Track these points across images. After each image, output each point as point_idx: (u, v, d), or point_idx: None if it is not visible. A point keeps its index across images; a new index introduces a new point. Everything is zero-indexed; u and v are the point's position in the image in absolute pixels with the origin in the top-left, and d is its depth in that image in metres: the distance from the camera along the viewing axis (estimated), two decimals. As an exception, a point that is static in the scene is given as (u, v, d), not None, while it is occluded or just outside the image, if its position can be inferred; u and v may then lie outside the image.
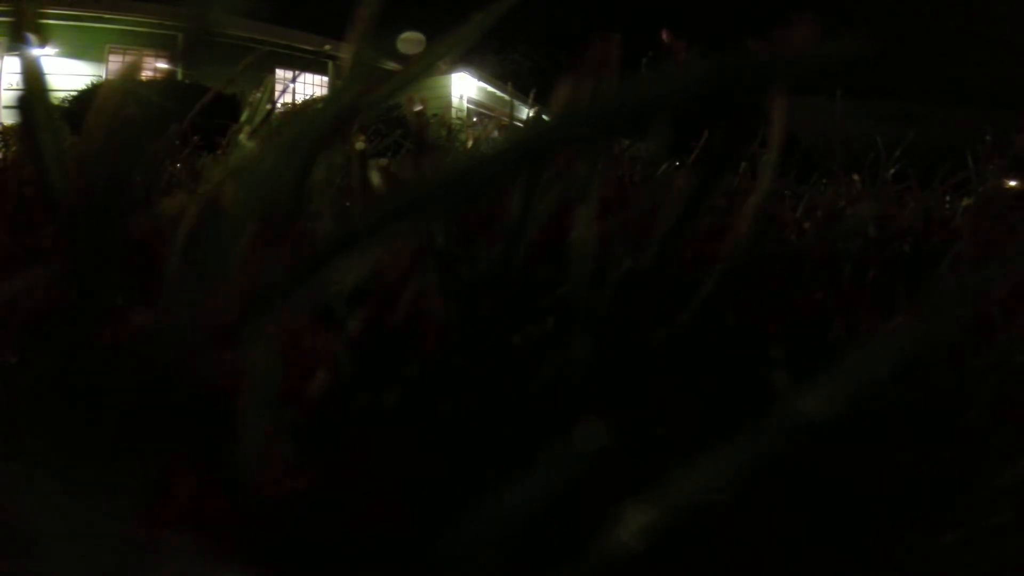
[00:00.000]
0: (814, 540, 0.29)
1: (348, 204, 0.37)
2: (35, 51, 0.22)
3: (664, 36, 0.33)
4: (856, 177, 1.21)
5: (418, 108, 0.38)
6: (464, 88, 13.14)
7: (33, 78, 0.22)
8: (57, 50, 9.81)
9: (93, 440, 0.18)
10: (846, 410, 0.13)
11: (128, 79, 0.17)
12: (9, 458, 0.17)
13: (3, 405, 0.20)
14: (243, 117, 0.55)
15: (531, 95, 1.39)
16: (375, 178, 0.32)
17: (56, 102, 0.24)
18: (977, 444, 0.35)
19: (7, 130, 1.76)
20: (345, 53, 0.23)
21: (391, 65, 0.24)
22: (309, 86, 12.02)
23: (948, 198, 1.15)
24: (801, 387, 0.13)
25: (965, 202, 1.03)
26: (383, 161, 0.32)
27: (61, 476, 0.16)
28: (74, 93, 7.44)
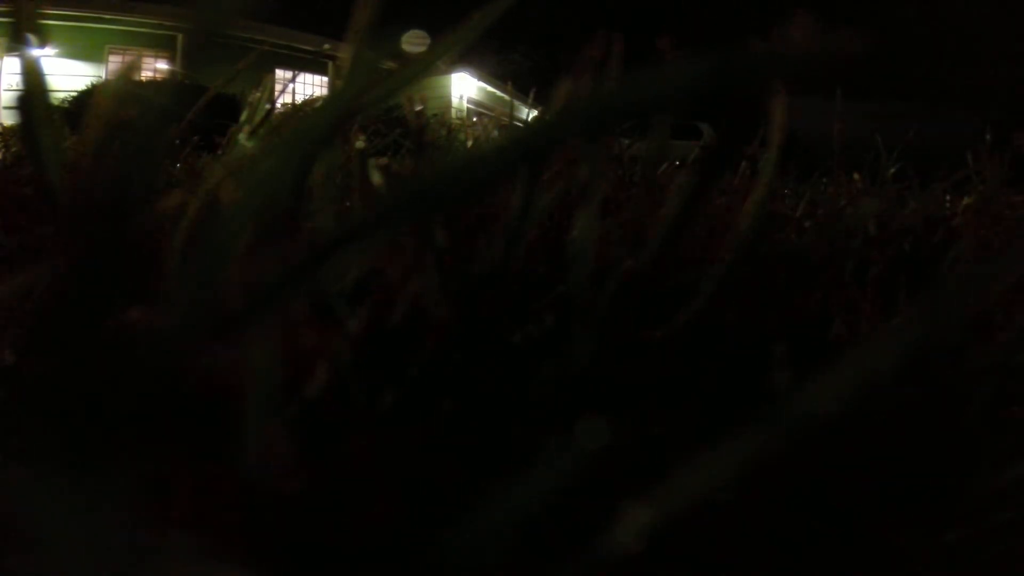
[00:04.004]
0: (814, 540, 0.29)
1: (348, 203, 0.37)
2: (35, 52, 0.22)
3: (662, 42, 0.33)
4: (856, 176, 1.22)
5: (418, 108, 0.38)
6: (464, 88, 13.14)
7: (33, 78, 0.22)
8: (57, 50, 9.81)
9: (94, 440, 0.18)
10: (847, 409, 0.13)
11: (127, 79, 0.17)
12: (10, 458, 0.17)
13: (4, 405, 0.20)
14: (243, 117, 0.55)
15: (531, 95, 1.39)
16: (375, 177, 0.32)
17: (56, 103, 0.24)
18: (977, 444, 0.35)
19: (7, 130, 1.77)
20: (344, 53, 0.23)
21: (391, 64, 0.24)
22: (309, 86, 12.02)
23: (948, 197, 1.15)
24: (802, 386, 0.13)
25: (966, 201, 1.03)
26: (383, 160, 0.32)
27: (62, 476, 0.16)
28: (74, 94, 7.44)
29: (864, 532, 0.30)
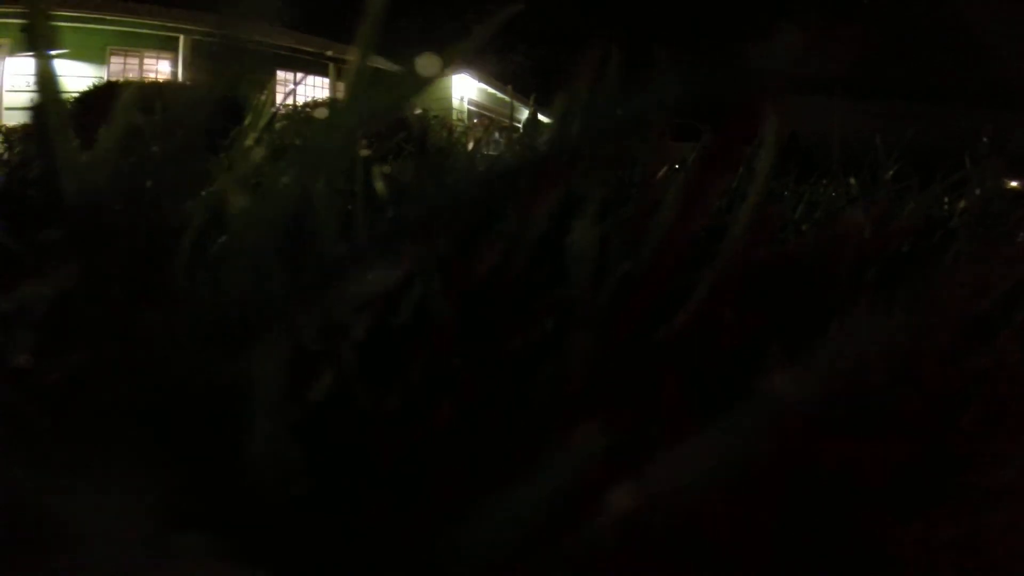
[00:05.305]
0: (811, 539, 0.29)
1: (350, 209, 0.37)
2: (48, 54, 0.23)
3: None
4: (852, 180, 1.21)
5: (419, 111, 0.38)
6: (465, 89, 13.12)
7: (47, 82, 0.22)
8: (58, 51, 9.77)
9: (104, 441, 0.18)
10: (834, 398, 0.13)
11: (148, 90, 0.18)
12: (19, 460, 0.17)
13: (14, 408, 0.20)
14: (247, 121, 0.55)
15: (532, 97, 1.39)
16: (379, 186, 0.32)
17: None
18: (976, 444, 0.35)
19: (10, 131, 1.77)
20: (350, 61, 0.24)
21: (397, 71, 0.24)
22: (310, 87, 12.02)
23: (947, 198, 1.15)
24: (788, 375, 0.13)
25: (964, 202, 1.03)
26: (387, 168, 0.33)
27: (72, 477, 0.17)
28: (75, 95, 7.43)
29: (863, 531, 0.30)
